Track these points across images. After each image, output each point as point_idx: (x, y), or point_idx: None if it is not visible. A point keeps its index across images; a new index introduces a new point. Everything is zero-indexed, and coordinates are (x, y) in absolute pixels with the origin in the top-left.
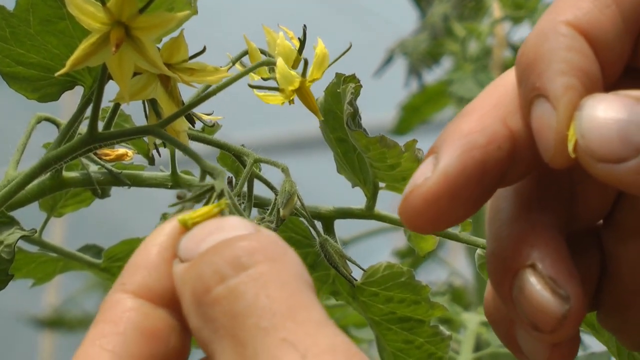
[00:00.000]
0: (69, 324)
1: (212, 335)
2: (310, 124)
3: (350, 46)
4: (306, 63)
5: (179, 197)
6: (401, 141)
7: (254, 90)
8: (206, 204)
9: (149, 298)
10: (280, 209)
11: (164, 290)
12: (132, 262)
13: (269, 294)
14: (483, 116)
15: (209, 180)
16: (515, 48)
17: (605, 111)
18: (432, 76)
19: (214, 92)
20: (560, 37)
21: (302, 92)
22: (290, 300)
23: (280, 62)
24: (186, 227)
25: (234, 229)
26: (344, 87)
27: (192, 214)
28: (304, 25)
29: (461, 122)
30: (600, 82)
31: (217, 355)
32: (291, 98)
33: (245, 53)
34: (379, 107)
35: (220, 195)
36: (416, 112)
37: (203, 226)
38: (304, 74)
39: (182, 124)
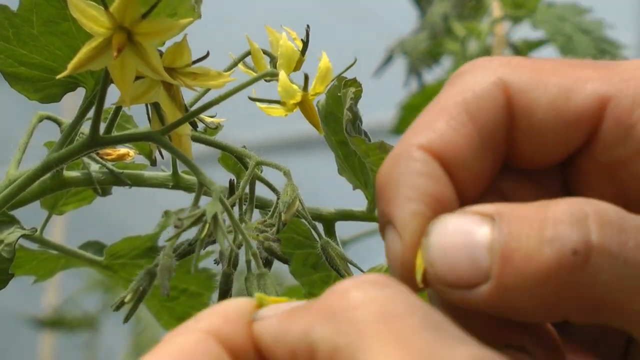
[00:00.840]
0: (69, 324)
1: (355, 337)
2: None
3: (355, 61)
4: (306, 78)
5: (176, 227)
6: None
7: (257, 103)
8: (201, 229)
9: (222, 343)
10: (282, 214)
11: (237, 345)
12: (206, 311)
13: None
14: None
15: (202, 199)
16: (515, 48)
17: (452, 235)
18: (432, 76)
19: (220, 99)
20: (411, 161)
21: (304, 106)
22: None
23: (282, 75)
24: (261, 305)
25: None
26: (345, 92)
27: (269, 298)
28: (307, 26)
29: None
30: (455, 203)
31: (368, 353)
32: (293, 110)
33: (248, 54)
34: (378, 106)
35: (215, 220)
36: (416, 112)
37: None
38: (305, 89)
39: (184, 127)
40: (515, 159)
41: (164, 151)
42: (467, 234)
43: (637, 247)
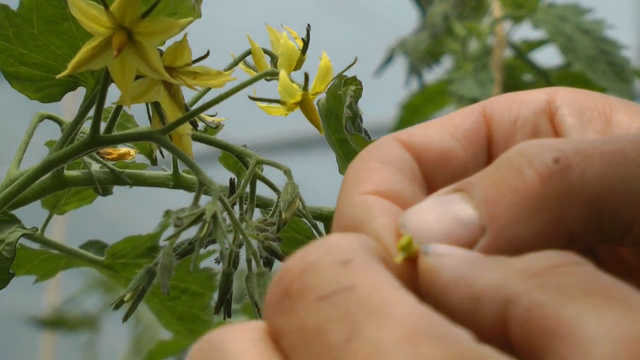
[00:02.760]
0: (69, 324)
1: (560, 295)
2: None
3: (356, 60)
4: (307, 77)
5: (176, 226)
6: None
7: (257, 102)
8: (201, 228)
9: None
10: (283, 212)
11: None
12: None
13: None
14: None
15: (203, 198)
16: (515, 48)
17: (430, 212)
18: (433, 75)
19: (221, 99)
20: (359, 203)
21: (305, 105)
22: None
23: (282, 74)
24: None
25: None
26: (345, 90)
27: None
28: (308, 25)
29: None
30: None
31: (575, 310)
32: (294, 109)
33: (249, 53)
34: (379, 106)
35: (214, 219)
36: (416, 112)
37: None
38: (305, 88)
39: (185, 126)
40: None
41: (164, 150)
42: (444, 208)
43: (604, 143)
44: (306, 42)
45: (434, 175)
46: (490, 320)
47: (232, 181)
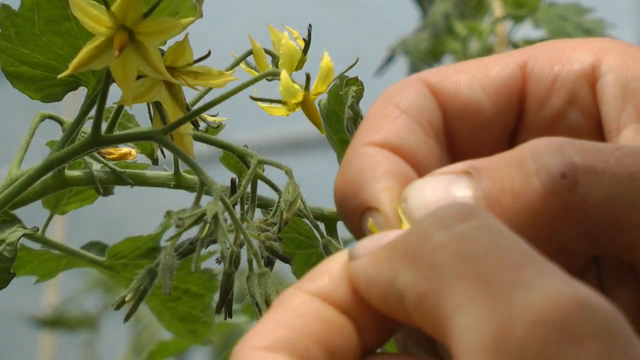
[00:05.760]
0: (69, 323)
1: (437, 283)
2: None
3: (358, 60)
4: (308, 78)
5: (177, 226)
6: None
7: (258, 102)
8: (202, 228)
9: (327, 301)
10: (284, 212)
11: (342, 300)
12: (312, 272)
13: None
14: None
15: (204, 199)
16: (516, 47)
17: (431, 195)
18: None
19: (222, 99)
20: (365, 156)
21: (306, 105)
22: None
23: (284, 74)
24: None
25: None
26: (346, 90)
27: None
28: (309, 25)
29: None
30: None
31: (450, 301)
32: (295, 110)
33: (250, 53)
34: None
35: (215, 219)
36: None
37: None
38: (306, 88)
39: (186, 126)
40: (460, 147)
41: (165, 150)
42: (446, 191)
43: (618, 163)
44: (307, 42)
45: (456, 126)
46: (404, 315)
47: (233, 181)
